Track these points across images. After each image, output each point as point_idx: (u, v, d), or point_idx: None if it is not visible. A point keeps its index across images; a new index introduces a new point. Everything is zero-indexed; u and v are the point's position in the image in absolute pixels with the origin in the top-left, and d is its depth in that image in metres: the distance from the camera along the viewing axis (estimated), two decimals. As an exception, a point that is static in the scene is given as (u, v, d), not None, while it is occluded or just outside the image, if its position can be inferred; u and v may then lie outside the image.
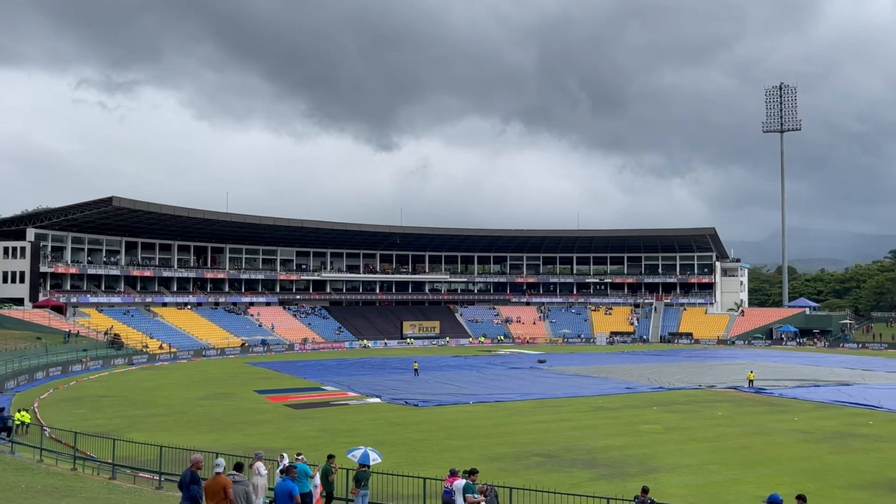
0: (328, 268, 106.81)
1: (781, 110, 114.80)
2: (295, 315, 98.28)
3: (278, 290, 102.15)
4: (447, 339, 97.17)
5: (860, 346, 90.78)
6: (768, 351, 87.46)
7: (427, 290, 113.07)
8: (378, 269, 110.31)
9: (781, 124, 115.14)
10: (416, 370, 56.92)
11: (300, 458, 17.78)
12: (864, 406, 39.80)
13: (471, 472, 15.83)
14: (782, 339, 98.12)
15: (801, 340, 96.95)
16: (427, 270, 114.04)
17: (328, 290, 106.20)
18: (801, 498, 14.26)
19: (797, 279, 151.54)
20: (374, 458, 18.68)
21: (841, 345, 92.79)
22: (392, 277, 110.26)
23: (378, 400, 42.62)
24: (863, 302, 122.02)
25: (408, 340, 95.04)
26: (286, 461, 18.45)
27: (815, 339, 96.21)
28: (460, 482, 17.59)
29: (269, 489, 17.23)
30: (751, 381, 49.01)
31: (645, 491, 15.95)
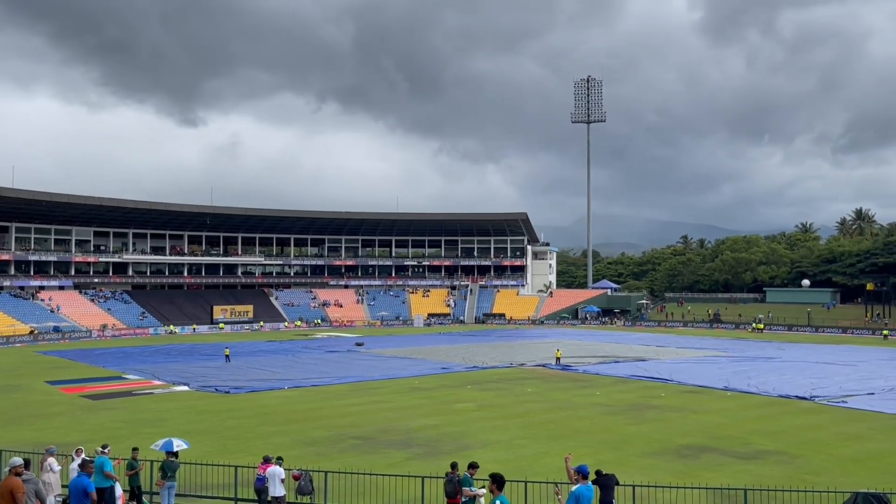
0: (130, 249, 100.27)
1: (588, 102, 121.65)
2: (93, 300, 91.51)
3: (73, 272, 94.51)
4: (261, 323, 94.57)
5: (655, 324, 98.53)
6: (574, 330, 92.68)
7: (240, 273, 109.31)
8: (186, 251, 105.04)
9: (588, 115, 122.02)
10: (227, 356, 54.80)
11: (105, 450, 16.38)
12: (657, 379, 43.03)
13: (470, 466, 15.35)
14: (587, 318, 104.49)
15: (604, 319, 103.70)
16: (240, 252, 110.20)
17: (130, 272, 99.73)
18: (598, 472, 15.17)
19: (600, 262, 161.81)
20: (180, 445, 17.62)
21: (638, 323, 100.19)
22: (202, 260, 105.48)
23: (186, 388, 40.53)
24: (658, 283, 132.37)
25: (219, 325, 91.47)
26: (83, 455, 17.01)
27: (616, 319, 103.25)
28: (273, 468, 17.04)
29: (64, 486, 15.95)
30: (558, 359, 51.60)
31: (454, 467, 16.23)
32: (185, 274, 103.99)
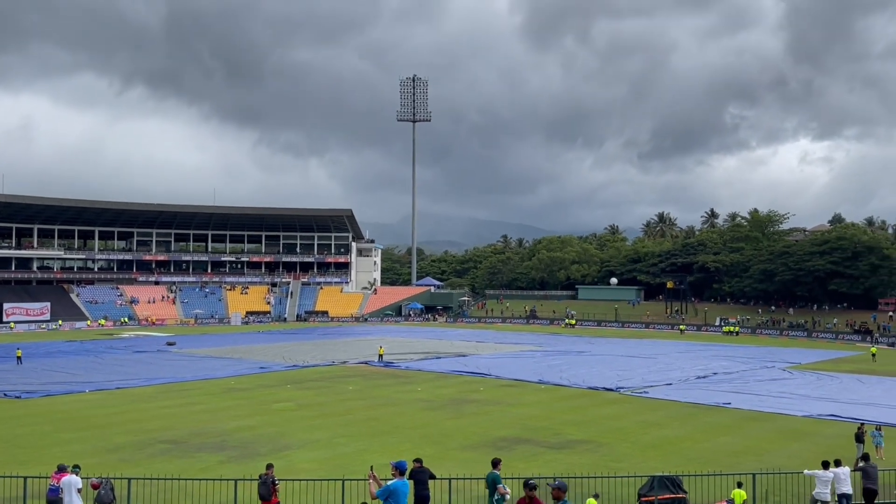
0: None
1: (414, 101, 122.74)
2: None
3: None
4: (60, 322, 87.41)
5: (476, 320, 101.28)
6: (398, 327, 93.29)
7: (35, 268, 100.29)
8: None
9: (414, 114, 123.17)
10: (19, 357, 50.05)
11: None
12: (477, 374, 44.10)
13: (494, 464, 14.64)
14: (410, 315, 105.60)
15: (427, 316, 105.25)
16: (36, 245, 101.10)
17: None
18: (417, 461, 15.25)
19: (424, 259, 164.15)
20: None
21: (460, 320, 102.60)
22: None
23: (-32, 393, 36.55)
24: (479, 281, 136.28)
25: (9, 325, 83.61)
26: None
27: (439, 315, 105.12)
28: (69, 478, 15.63)
29: None
30: (381, 356, 51.57)
31: (268, 468, 15.75)
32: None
